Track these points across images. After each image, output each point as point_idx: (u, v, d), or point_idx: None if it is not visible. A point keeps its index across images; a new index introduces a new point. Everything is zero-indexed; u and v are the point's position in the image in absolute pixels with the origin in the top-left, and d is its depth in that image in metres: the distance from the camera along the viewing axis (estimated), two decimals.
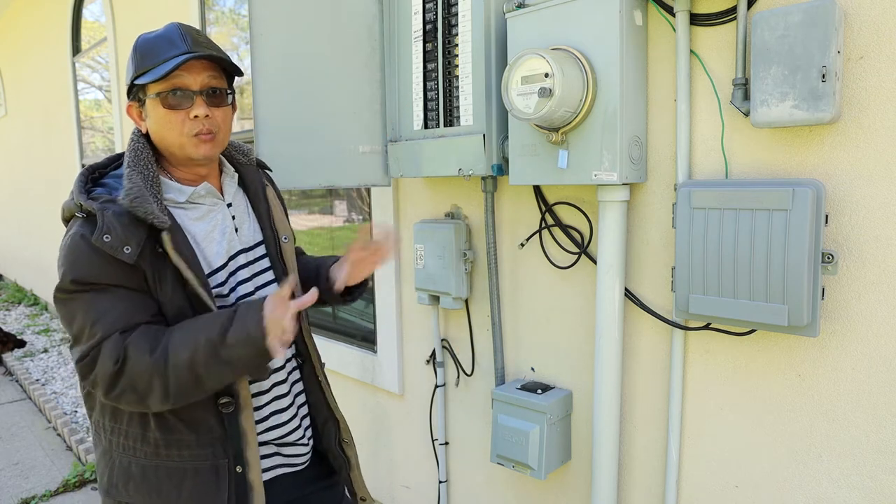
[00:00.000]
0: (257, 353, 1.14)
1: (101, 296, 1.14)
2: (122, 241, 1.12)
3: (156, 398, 1.14)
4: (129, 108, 1.29)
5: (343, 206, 2.77)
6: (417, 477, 2.41)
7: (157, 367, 1.12)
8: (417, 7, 1.82)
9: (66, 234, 1.18)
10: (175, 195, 1.27)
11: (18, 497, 3.06)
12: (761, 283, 1.30)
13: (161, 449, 1.24)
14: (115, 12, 4.45)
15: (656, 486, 1.66)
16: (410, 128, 1.90)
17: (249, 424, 1.27)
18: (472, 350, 2.09)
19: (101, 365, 1.12)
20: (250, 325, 1.14)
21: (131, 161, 1.22)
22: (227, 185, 1.39)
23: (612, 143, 1.43)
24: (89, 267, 1.13)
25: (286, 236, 1.45)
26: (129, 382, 1.12)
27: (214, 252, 1.29)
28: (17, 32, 6.80)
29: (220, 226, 1.32)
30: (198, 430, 1.24)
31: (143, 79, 1.21)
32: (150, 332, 1.15)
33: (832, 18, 1.17)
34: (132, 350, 1.12)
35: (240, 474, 1.26)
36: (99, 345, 1.12)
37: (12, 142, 7.58)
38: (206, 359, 1.13)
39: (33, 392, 4.38)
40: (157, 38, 1.24)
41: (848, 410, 1.32)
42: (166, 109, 1.23)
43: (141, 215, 1.14)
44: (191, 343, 1.13)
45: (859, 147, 1.25)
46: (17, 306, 7.31)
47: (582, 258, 1.74)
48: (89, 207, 1.14)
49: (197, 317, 1.20)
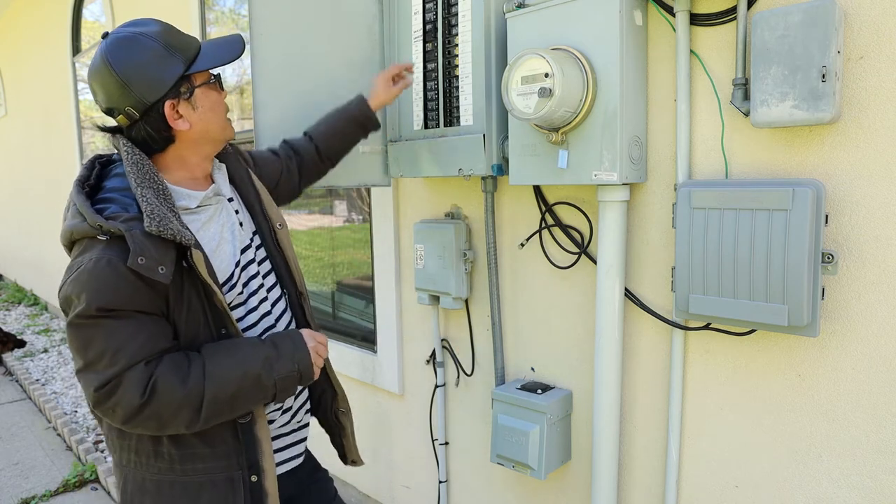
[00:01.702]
0: (300, 383, 1.26)
1: (123, 323, 1.10)
2: (156, 262, 1.09)
3: (178, 426, 1.15)
4: (171, 106, 1.20)
5: (343, 206, 2.77)
6: (417, 477, 2.41)
7: (189, 400, 1.13)
8: (417, 7, 1.82)
9: (83, 258, 1.10)
10: (186, 202, 1.24)
11: (18, 497, 3.06)
12: (761, 283, 1.30)
13: (176, 464, 1.22)
14: (115, 12, 4.45)
15: (656, 486, 1.66)
16: (410, 128, 1.90)
17: (264, 433, 1.27)
18: (472, 350, 2.09)
19: (123, 395, 1.09)
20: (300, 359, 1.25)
21: (137, 177, 1.15)
22: (219, 179, 1.36)
23: (612, 143, 1.43)
24: (115, 293, 1.08)
25: (280, 223, 1.43)
26: (155, 413, 1.11)
27: (229, 254, 1.29)
28: (17, 32, 6.80)
29: (227, 225, 1.31)
30: (213, 443, 1.23)
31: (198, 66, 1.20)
32: (177, 362, 1.14)
33: (832, 18, 1.17)
34: (162, 383, 1.10)
35: (255, 483, 1.26)
36: (120, 375, 1.09)
37: (12, 142, 7.58)
38: (250, 393, 1.19)
39: (33, 392, 4.39)
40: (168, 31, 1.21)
41: (848, 410, 1.32)
42: (217, 92, 1.26)
43: (169, 237, 1.11)
44: (235, 377, 1.17)
45: (859, 147, 1.25)
46: (17, 306, 7.31)
47: (582, 258, 1.74)
48: (113, 229, 1.08)
49: (226, 344, 1.21)
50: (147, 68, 1.16)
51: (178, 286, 1.17)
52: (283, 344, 1.25)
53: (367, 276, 2.62)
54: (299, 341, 1.26)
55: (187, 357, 1.16)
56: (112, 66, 1.16)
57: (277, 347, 1.23)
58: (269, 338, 1.26)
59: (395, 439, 2.49)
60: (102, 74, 1.17)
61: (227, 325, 1.23)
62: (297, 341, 1.26)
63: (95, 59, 1.18)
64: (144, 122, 1.20)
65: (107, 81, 1.17)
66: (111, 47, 1.17)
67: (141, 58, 1.16)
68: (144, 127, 1.20)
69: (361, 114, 1.69)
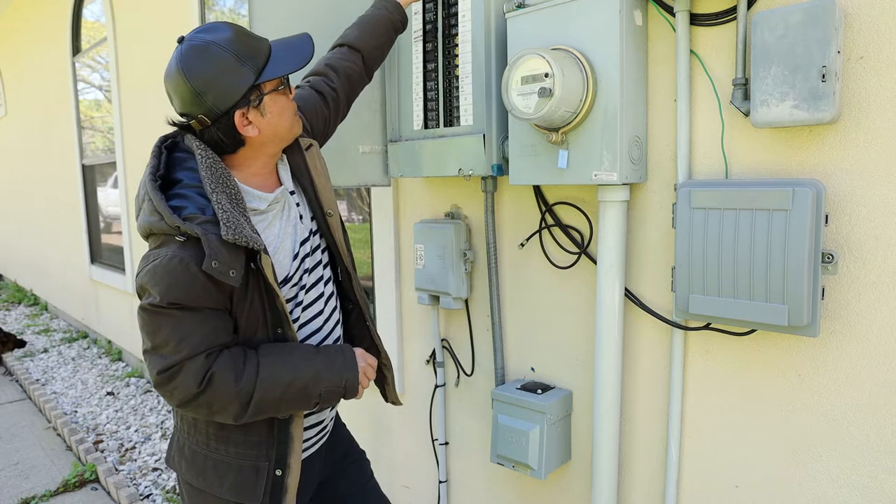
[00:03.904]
0: (343, 398, 1.33)
1: (190, 315, 1.18)
2: (228, 266, 1.16)
3: (226, 417, 1.24)
4: (241, 114, 1.23)
5: (343, 207, 2.77)
6: (417, 477, 2.41)
7: (239, 396, 1.21)
8: (417, 7, 1.82)
9: (160, 253, 1.17)
10: (257, 203, 1.29)
11: (18, 497, 3.06)
12: (761, 283, 1.30)
13: (211, 441, 1.32)
14: (115, 12, 4.45)
15: (656, 486, 1.66)
16: (410, 128, 1.90)
17: (298, 431, 1.34)
18: (472, 350, 2.09)
19: (182, 382, 1.17)
20: (348, 377, 1.31)
21: (212, 182, 1.20)
22: (282, 171, 1.40)
23: (612, 143, 1.43)
24: (186, 291, 1.15)
25: (330, 210, 1.45)
26: (207, 402, 1.20)
27: (289, 250, 1.34)
28: (17, 32, 6.80)
29: (290, 220, 1.36)
30: (248, 431, 1.31)
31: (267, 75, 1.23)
32: (234, 359, 1.22)
33: (832, 18, 1.17)
34: (218, 377, 1.19)
35: (278, 477, 1.32)
36: (182, 362, 1.17)
37: (12, 142, 7.58)
38: (295, 399, 1.26)
39: (33, 392, 4.39)
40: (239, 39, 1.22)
41: (848, 410, 1.32)
42: (286, 97, 1.29)
43: (243, 244, 1.17)
44: (284, 383, 1.24)
45: (859, 147, 1.25)
46: (17, 306, 7.32)
47: (582, 258, 1.74)
48: (190, 231, 1.14)
49: (282, 348, 1.27)
50: (219, 79, 1.20)
51: (244, 286, 1.23)
52: (335, 358, 1.32)
53: (367, 276, 2.62)
54: (350, 359, 1.34)
55: (244, 354, 1.24)
56: (186, 76, 1.20)
57: (330, 360, 1.31)
58: (324, 349, 1.33)
59: (395, 439, 2.49)
60: (177, 83, 1.21)
61: (283, 325, 1.29)
62: (349, 359, 1.33)
63: (171, 66, 1.22)
64: (216, 128, 1.24)
65: (181, 90, 1.21)
66: (185, 56, 1.20)
67: (214, 69, 1.20)
68: (216, 132, 1.25)
69: (399, 17, 1.69)
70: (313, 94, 1.55)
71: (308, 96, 1.54)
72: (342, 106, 1.62)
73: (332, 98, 1.58)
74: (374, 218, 2.41)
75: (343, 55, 1.62)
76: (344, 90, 1.61)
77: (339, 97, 1.59)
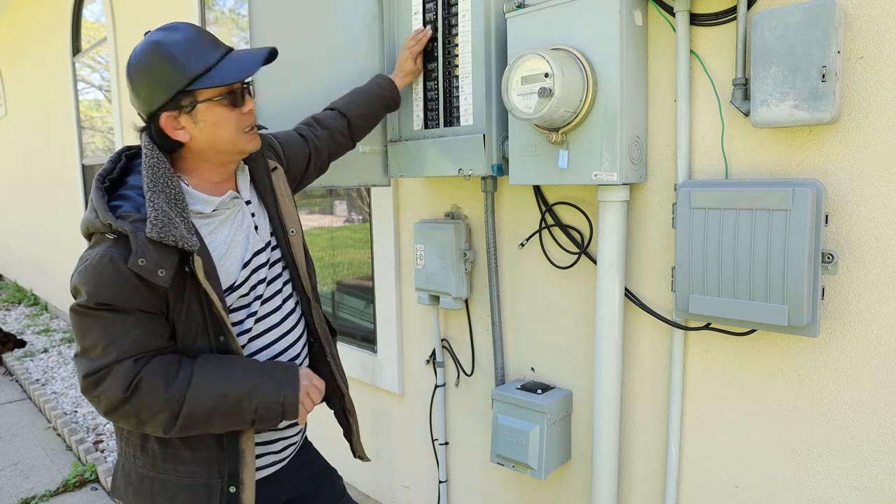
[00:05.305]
0: (283, 418, 1.24)
1: (119, 317, 1.13)
2: (156, 265, 1.12)
3: (155, 428, 1.18)
4: (167, 118, 1.21)
5: (343, 206, 2.77)
6: (417, 477, 2.41)
7: (168, 405, 1.15)
8: (417, 7, 1.82)
9: (92, 252, 1.15)
10: (201, 206, 1.26)
11: (18, 497, 3.06)
12: (761, 283, 1.30)
13: (158, 461, 1.25)
14: (115, 12, 4.45)
15: (656, 486, 1.66)
16: (410, 128, 1.90)
17: (249, 445, 1.27)
18: (472, 350, 2.09)
19: (108, 387, 1.13)
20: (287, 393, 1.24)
21: (150, 181, 1.18)
22: (240, 181, 1.38)
23: (612, 143, 1.43)
24: (114, 290, 1.11)
25: (293, 229, 1.43)
26: (134, 410, 1.14)
27: (238, 258, 1.29)
28: (17, 32, 6.80)
29: (241, 228, 1.32)
30: (196, 447, 1.25)
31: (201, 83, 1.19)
32: (166, 365, 1.16)
33: (832, 18, 1.17)
34: (146, 383, 1.13)
35: (232, 495, 1.26)
36: (110, 366, 1.13)
37: (12, 142, 7.58)
38: (228, 413, 1.19)
39: (33, 392, 4.39)
40: (187, 42, 1.20)
41: (848, 410, 1.32)
42: (225, 109, 1.24)
43: (171, 243, 1.12)
44: (217, 394, 1.17)
45: (859, 147, 1.25)
46: (17, 306, 7.32)
47: (582, 258, 1.74)
48: (120, 228, 1.11)
49: (221, 359, 1.22)
50: (151, 79, 1.19)
51: (180, 289, 1.18)
52: (276, 373, 1.25)
53: (367, 276, 2.62)
54: (293, 376, 1.27)
55: (179, 362, 1.18)
56: (127, 71, 1.22)
57: (270, 375, 1.24)
58: (268, 364, 1.27)
59: (396, 439, 2.49)
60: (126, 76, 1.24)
61: (225, 334, 1.24)
62: (292, 376, 1.27)
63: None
64: (152, 127, 1.24)
65: (127, 84, 1.23)
66: (135, 52, 1.21)
67: (149, 68, 1.19)
68: (153, 131, 1.24)
69: (391, 94, 1.75)
70: (295, 134, 1.59)
71: (290, 133, 1.59)
72: (323, 154, 1.63)
73: (314, 146, 1.60)
74: (374, 218, 2.41)
75: (331, 116, 1.67)
76: (326, 143, 1.63)
77: (320, 147, 1.62)
